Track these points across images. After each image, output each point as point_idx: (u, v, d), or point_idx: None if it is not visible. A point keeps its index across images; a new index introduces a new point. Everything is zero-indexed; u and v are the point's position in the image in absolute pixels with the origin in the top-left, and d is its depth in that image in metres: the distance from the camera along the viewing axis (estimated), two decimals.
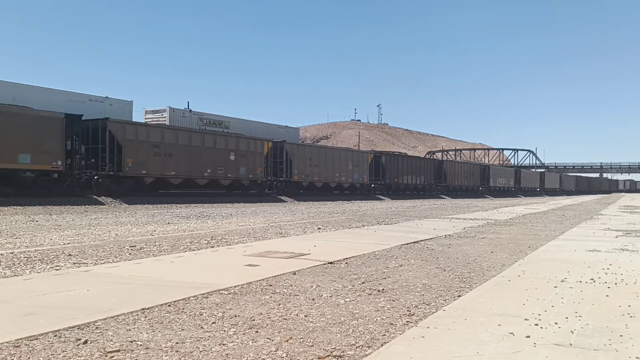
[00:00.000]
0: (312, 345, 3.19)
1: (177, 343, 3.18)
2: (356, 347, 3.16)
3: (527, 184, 74.48)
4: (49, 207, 18.49)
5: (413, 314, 3.96)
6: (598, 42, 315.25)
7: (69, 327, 3.41)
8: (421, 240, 9.12)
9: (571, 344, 3.15)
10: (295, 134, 46.95)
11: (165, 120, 34.70)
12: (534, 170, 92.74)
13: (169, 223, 12.64)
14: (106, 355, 2.94)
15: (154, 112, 36.30)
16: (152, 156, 24.45)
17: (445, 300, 4.48)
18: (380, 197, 39.80)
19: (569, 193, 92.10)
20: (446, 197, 47.58)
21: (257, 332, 3.44)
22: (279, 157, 32.18)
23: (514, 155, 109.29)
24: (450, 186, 52.66)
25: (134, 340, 3.21)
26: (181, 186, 26.84)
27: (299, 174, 33.17)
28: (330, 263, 6.31)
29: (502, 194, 63.39)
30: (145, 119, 35.36)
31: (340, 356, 3.01)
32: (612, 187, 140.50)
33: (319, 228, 11.34)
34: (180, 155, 25.75)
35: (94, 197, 22.21)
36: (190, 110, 37.75)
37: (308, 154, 34.52)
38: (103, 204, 21.15)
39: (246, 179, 29.60)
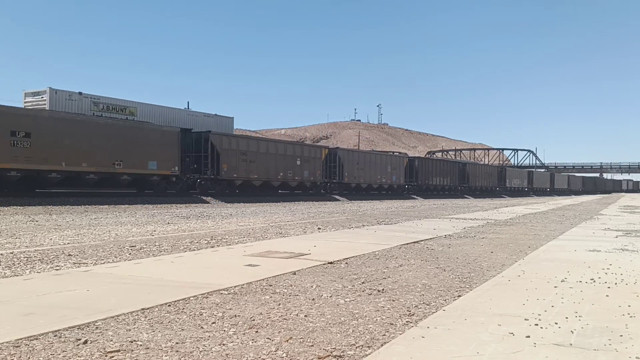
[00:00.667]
0: (312, 345, 3.19)
1: (177, 343, 3.18)
2: (356, 347, 3.16)
3: (538, 184, 78.37)
4: (49, 207, 18.49)
5: (413, 314, 3.96)
6: (598, 42, 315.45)
7: (69, 327, 3.41)
8: (421, 240, 9.12)
9: (571, 344, 3.15)
10: (228, 125, 42.58)
11: (45, 104, 30.37)
12: (544, 171, 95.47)
13: (168, 223, 12.64)
14: (106, 355, 2.94)
15: (33, 94, 31.83)
16: (241, 162, 29.10)
17: (445, 300, 4.48)
18: (414, 196, 43.75)
19: (576, 193, 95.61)
20: (469, 197, 51.09)
21: (257, 332, 3.44)
22: (333, 161, 36.63)
23: (514, 155, 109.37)
24: (472, 187, 56.89)
25: (134, 340, 3.21)
26: (260, 187, 31.17)
27: (349, 176, 37.59)
28: (330, 263, 6.31)
29: (517, 194, 67.34)
30: (25, 102, 31.50)
31: (340, 356, 3.01)
32: (615, 187, 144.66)
33: (318, 228, 11.34)
34: (260, 161, 30.45)
35: (200, 196, 26.46)
36: (81, 93, 32.60)
37: (356, 159, 39.11)
38: (208, 202, 25.03)
39: (308, 181, 34.50)
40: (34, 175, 21.21)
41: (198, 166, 27.09)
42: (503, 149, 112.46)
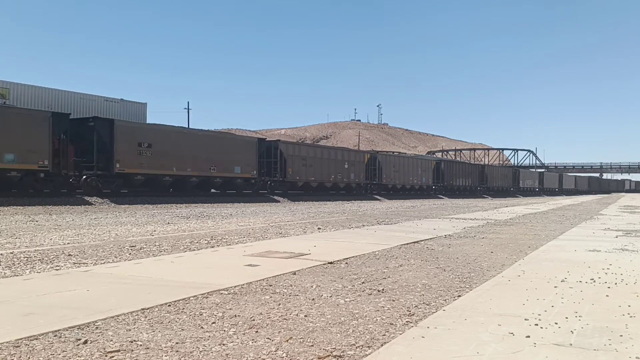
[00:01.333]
0: (312, 345, 3.19)
1: (177, 343, 3.18)
2: (356, 347, 3.16)
3: (548, 185, 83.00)
4: (49, 207, 18.49)
5: (413, 314, 3.96)
6: (598, 42, 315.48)
7: (69, 327, 3.41)
8: (421, 240, 9.12)
9: (571, 344, 3.15)
10: (140, 112, 40.62)
11: None
12: (554, 173, 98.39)
13: (168, 223, 12.64)
14: (106, 355, 2.94)
15: None
16: (302, 167, 33.81)
17: (445, 300, 4.48)
18: (440, 196, 47.72)
19: (583, 193, 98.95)
20: (487, 196, 54.98)
21: (257, 332, 3.44)
22: (373, 165, 41.13)
23: (514, 155, 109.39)
24: (490, 187, 61.54)
25: (134, 340, 3.21)
26: (316, 188, 35.67)
27: (386, 177, 42.50)
28: (330, 263, 6.31)
29: (529, 194, 71.48)
30: None
31: (340, 356, 3.01)
32: (619, 187, 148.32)
33: (318, 228, 11.34)
34: (317, 165, 35.16)
35: (270, 196, 31.18)
36: None
37: (393, 162, 44.09)
38: (278, 201, 29.15)
39: (354, 182, 39.04)
40: (153, 178, 25.23)
41: (268, 170, 31.71)
42: (503, 149, 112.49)
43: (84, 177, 22.68)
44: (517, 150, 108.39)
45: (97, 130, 22.98)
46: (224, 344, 3.17)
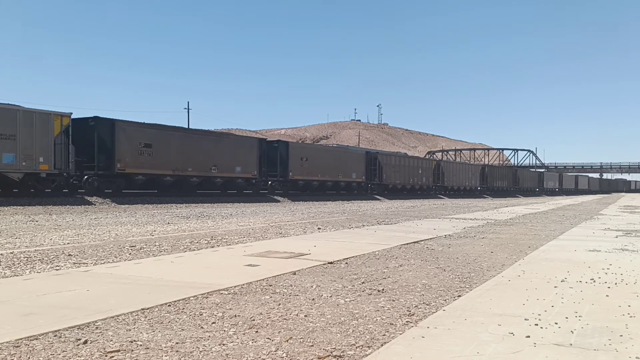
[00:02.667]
0: (312, 345, 3.19)
1: (177, 343, 3.18)
2: (356, 347, 3.16)
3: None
4: (49, 207, 18.50)
5: (413, 314, 3.96)
6: (598, 41, 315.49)
7: (69, 327, 3.41)
8: (421, 240, 9.12)
9: (571, 344, 3.15)
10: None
11: None
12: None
13: (168, 223, 12.64)
14: (106, 355, 2.94)
15: None
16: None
17: (445, 300, 4.48)
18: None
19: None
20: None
21: (257, 332, 3.44)
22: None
23: (514, 155, 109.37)
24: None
25: (134, 340, 3.21)
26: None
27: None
28: (330, 263, 6.31)
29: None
30: None
31: (340, 356, 3.01)
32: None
33: (318, 228, 11.34)
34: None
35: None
36: None
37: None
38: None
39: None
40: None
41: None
42: (503, 149, 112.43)
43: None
44: (517, 150, 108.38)
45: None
46: (224, 344, 3.17)
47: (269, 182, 32.61)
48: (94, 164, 22.83)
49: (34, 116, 20.43)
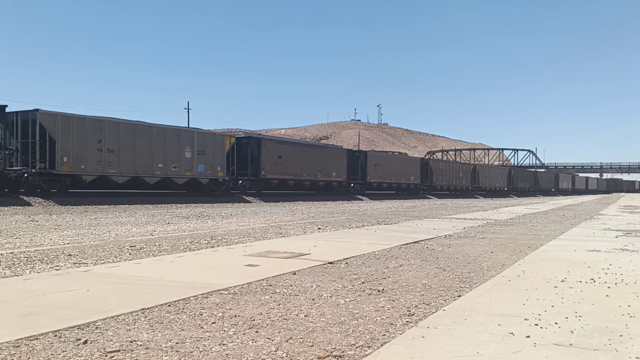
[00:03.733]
0: (312, 345, 3.19)
1: (177, 343, 3.18)
2: (356, 347, 3.16)
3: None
4: (49, 207, 18.49)
5: (413, 314, 3.96)
6: (598, 41, 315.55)
7: (69, 327, 3.41)
8: (421, 240, 9.12)
9: (571, 344, 3.15)
10: None
11: None
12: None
13: (168, 223, 12.64)
14: (106, 355, 2.94)
15: None
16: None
17: (445, 300, 4.48)
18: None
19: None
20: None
21: (257, 332, 3.44)
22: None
23: (514, 155, 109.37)
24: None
25: (134, 340, 3.21)
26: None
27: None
28: (330, 263, 6.31)
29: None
30: None
31: (340, 356, 3.01)
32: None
33: (318, 228, 11.34)
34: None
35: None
36: None
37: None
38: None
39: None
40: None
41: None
42: (503, 149, 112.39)
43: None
44: (517, 150, 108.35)
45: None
46: (224, 344, 3.17)
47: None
48: (247, 172, 30.31)
49: (215, 137, 28.89)
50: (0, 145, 20.79)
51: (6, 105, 21.23)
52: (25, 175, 21.17)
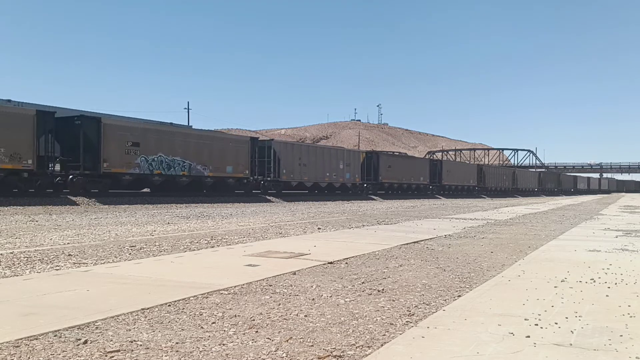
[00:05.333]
0: (312, 345, 3.19)
1: (177, 343, 3.18)
2: (356, 347, 3.16)
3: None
4: (49, 207, 18.50)
5: (413, 314, 3.96)
6: (598, 41, 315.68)
7: (69, 327, 3.41)
8: (421, 240, 9.12)
9: (571, 344, 3.15)
10: None
11: None
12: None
13: (168, 223, 12.64)
14: (106, 355, 2.94)
15: None
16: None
17: (445, 300, 4.48)
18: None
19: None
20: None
21: (257, 332, 3.44)
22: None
23: (514, 155, 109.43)
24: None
25: (134, 340, 3.21)
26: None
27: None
28: (330, 263, 6.31)
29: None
30: None
31: (340, 356, 3.01)
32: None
33: (319, 228, 11.34)
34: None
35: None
36: None
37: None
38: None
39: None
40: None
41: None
42: (503, 149, 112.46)
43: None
44: (517, 150, 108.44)
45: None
46: (224, 344, 3.17)
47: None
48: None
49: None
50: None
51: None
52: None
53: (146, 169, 24.38)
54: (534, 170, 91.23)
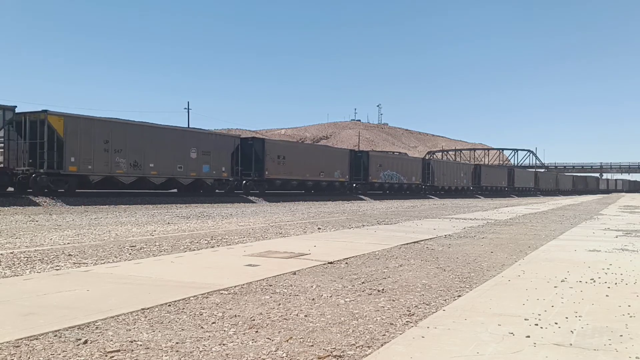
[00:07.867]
0: (312, 345, 3.19)
1: (177, 343, 3.18)
2: (356, 347, 3.16)
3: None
4: (49, 207, 18.49)
5: (413, 314, 3.96)
6: (598, 41, 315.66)
7: (69, 327, 3.41)
8: (421, 240, 9.12)
9: (571, 344, 3.15)
10: None
11: None
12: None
13: (169, 223, 12.64)
14: (106, 355, 2.94)
15: None
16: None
17: (445, 300, 4.48)
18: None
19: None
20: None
21: (257, 332, 3.44)
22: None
23: (514, 155, 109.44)
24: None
25: (134, 340, 3.21)
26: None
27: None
28: (330, 263, 6.31)
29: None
30: None
31: (340, 356, 3.01)
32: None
33: (319, 228, 11.34)
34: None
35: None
36: None
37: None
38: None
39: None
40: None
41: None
42: (503, 149, 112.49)
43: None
44: (517, 150, 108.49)
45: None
46: (224, 344, 3.17)
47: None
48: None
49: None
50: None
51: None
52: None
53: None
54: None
